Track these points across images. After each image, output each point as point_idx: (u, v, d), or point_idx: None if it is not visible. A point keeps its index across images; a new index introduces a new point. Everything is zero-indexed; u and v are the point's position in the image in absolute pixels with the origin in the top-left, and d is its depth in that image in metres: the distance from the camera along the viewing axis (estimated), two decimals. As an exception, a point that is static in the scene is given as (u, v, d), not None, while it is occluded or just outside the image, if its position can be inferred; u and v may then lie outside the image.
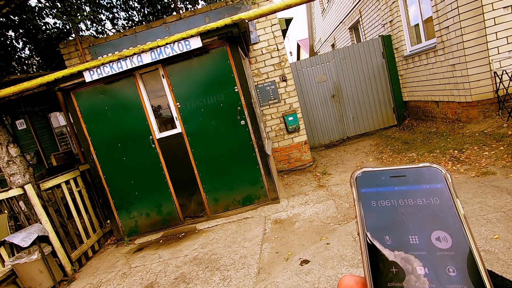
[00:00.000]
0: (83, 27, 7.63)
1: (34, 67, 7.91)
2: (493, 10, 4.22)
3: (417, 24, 5.97)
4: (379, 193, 0.32)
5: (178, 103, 4.20)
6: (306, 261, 2.79)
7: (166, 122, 4.37)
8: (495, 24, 4.26)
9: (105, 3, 7.52)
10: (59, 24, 7.37)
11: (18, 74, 7.04)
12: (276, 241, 3.38)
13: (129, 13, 8.23)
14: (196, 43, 3.81)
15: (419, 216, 0.30)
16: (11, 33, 6.64)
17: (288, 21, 6.29)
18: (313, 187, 4.76)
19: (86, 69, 3.90)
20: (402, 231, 0.29)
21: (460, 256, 0.27)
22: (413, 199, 0.31)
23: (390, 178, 0.33)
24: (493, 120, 4.55)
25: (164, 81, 4.16)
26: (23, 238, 3.31)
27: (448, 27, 4.76)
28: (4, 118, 7.42)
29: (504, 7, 4.20)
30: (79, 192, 4.50)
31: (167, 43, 3.82)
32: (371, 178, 0.33)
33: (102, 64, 3.88)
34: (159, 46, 3.83)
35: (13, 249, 3.68)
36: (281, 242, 3.32)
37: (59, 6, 5.84)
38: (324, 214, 3.71)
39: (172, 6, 8.07)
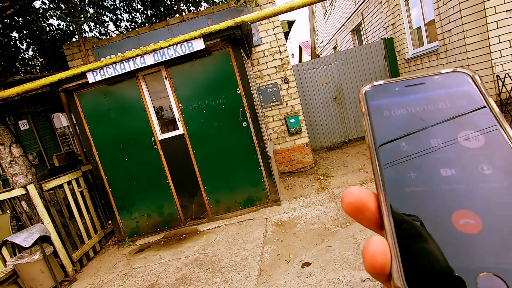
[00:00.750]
0: (87, 29, 7.68)
1: (38, 68, 7.96)
2: (496, 13, 4.22)
3: (419, 27, 5.97)
4: (393, 103, 0.28)
5: (180, 105, 4.21)
6: (307, 264, 2.78)
7: (168, 123, 4.38)
8: (497, 28, 4.25)
9: (108, 5, 7.57)
10: (63, 25, 7.43)
11: (22, 75, 7.09)
12: (278, 243, 3.37)
13: (132, 15, 8.28)
14: (199, 45, 3.83)
15: (442, 119, 0.26)
16: (15, 34, 6.69)
17: (290, 24, 6.31)
18: (315, 189, 4.76)
19: (89, 70, 3.92)
20: (421, 136, 0.26)
21: (496, 153, 0.24)
22: (435, 104, 0.27)
23: (406, 87, 0.29)
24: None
25: (167, 82, 4.18)
26: (25, 238, 3.32)
27: (450, 30, 4.76)
28: (7, 119, 7.46)
29: (506, 11, 4.20)
30: (81, 192, 4.51)
31: (170, 45, 3.83)
32: (383, 90, 0.29)
33: (105, 65, 3.90)
34: (162, 48, 3.85)
35: (15, 249, 3.69)
36: (283, 244, 3.31)
37: (63, 7, 5.88)
38: (325, 216, 3.70)
39: (175, 8, 8.12)
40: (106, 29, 7.87)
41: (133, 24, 8.42)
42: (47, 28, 7.15)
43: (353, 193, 0.26)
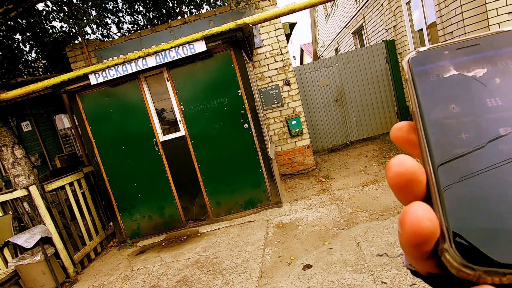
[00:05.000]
0: (89, 31, 7.75)
1: (41, 69, 8.00)
2: (498, 15, 4.22)
3: (421, 29, 5.97)
4: (442, 66, 0.25)
5: (182, 106, 4.22)
6: (308, 266, 2.77)
7: (169, 125, 4.39)
8: (499, 30, 4.24)
9: (111, 7, 7.61)
10: (66, 27, 7.46)
11: (25, 76, 7.14)
12: (279, 245, 3.37)
13: (135, 17, 8.32)
14: (201, 47, 3.84)
15: (502, 78, 0.23)
16: (18, 36, 6.74)
17: (292, 26, 6.32)
18: (316, 191, 4.75)
19: (92, 72, 3.95)
20: (475, 96, 0.23)
21: None
22: (492, 64, 0.24)
23: (457, 50, 0.26)
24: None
25: (169, 84, 4.19)
26: (26, 239, 3.33)
27: (452, 32, 4.76)
28: (10, 120, 7.50)
29: (508, 13, 4.19)
30: (83, 194, 4.52)
31: (171, 47, 3.85)
32: (431, 55, 0.26)
33: (108, 67, 3.92)
34: (163, 50, 3.86)
35: (17, 250, 3.69)
36: (284, 246, 3.30)
37: (66, 10, 5.92)
38: (327, 218, 3.69)
39: (177, 10, 8.16)
40: (108, 31, 7.92)
41: (135, 26, 8.46)
42: (50, 30, 7.20)
43: (406, 163, 0.22)
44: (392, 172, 0.22)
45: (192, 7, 7.72)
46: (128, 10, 8.07)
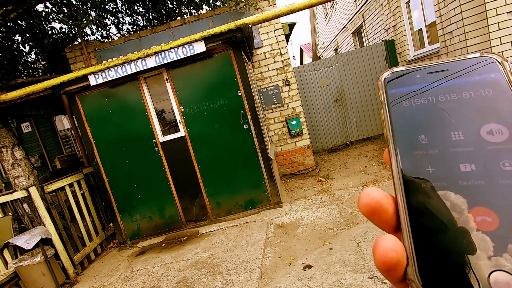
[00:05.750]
0: (89, 32, 7.75)
1: (40, 71, 8.00)
2: (497, 15, 4.21)
3: (421, 29, 5.97)
4: (413, 92, 0.27)
5: (181, 107, 4.22)
6: (309, 266, 2.77)
7: (169, 126, 4.39)
8: (499, 29, 4.25)
9: (110, 8, 7.61)
10: (65, 28, 7.47)
11: (24, 77, 7.13)
12: (279, 245, 3.36)
13: (134, 17, 8.33)
14: (200, 47, 3.84)
15: (465, 110, 0.25)
16: (18, 37, 6.74)
17: (291, 26, 6.32)
18: (316, 191, 4.74)
19: (91, 73, 3.95)
20: (441, 128, 0.25)
21: None
22: (458, 93, 0.25)
23: (428, 74, 0.27)
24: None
25: (168, 85, 4.19)
26: (26, 240, 3.33)
27: (451, 32, 4.76)
28: (9, 121, 7.50)
29: (508, 12, 4.19)
30: (83, 195, 4.52)
31: (171, 48, 3.85)
32: (404, 77, 0.28)
33: (107, 68, 3.92)
34: (163, 51, 3.86)
35: (17, 251, 3.69)
36: (284, 247, 3.30)
37: (66, 11, 5.93)
38: (327, 219, 3.69)
39: (176, 11, 8.16)
40: (108, 32, 7.92)
41: (135, 27, 8.47)
42: (50, 32, 7.20)
43: (371, 194, 0.25)
44: (360, 203, 0.25)
45: (191, 7, 7.73)
46: (127, 11, 8.08)
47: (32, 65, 7.82)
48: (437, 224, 0.22)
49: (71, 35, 7.52)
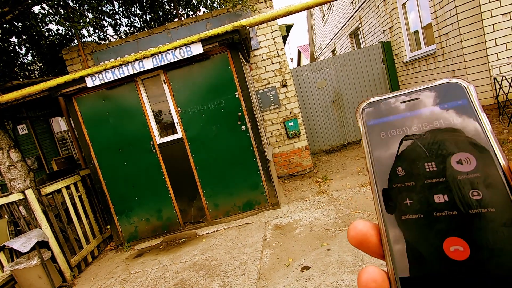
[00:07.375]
0: (86, 33, 7.71)
1: (37, 72, 7.97)
2: (492, 16, 4.26)
3: (417, 31, 6.01)
4: (389, 123, 0.29)
5: (179, 109, 4.22)
6: (306, 267, 2.77)
7: (167, 127, 4.38)
8: (494, 31, 4.29)
9: (107, 10, 7.61)
10: (62, 30, 7.45)
11: (21, 79, 7.10)
12: (277, 247, 3.36)
13: (131, 19, 8.32)
14: (197, 49, 3.84)
15: (436, 140, 0.26)
16: (14, 39, 6.71)
17: (288, 28, 6.35)
18: (314, 192, 4.75)
19: (88, 74, 3.93)
20: (416, 160, 0.26)
21: (486, 176, 0.24)
22: (429, 123, 0.27)
23: (401, 104, 0.29)
24: (493, 126, 4.55)
25: (165, 86, 4.19)
26: (22, 243, 3.30)
27: (447, 33, 4.80)
28: (6, 123, 7.45)
29: (502, 14, 4.23)
30: (80, 197, 4.49)
31: (168, 49, 3.85)
32: (380, 108, 0.30)
33: (104, 69, 3.91)
34: (160, 52, 3.86)
35: (13, 254, 3.66)
36: (282, 248, 3.30)
37: (62, 12, 5.91)
38: (324, 219, 3.69)
39: (174, 13, 8.16)
40: (105, 34, 7.90)
41: (132, 28, 8.46)
42: (46, 33, 7.18)
43: (357, 227, 0.28)
44: (348, 236, 0.28)
45: (189, 9, 7.73)
46: (124, 12, 8.07)
47: (29, 67, 7.79)
48: (415, 253, 0.24)
49: (68, 36, 7.49)
